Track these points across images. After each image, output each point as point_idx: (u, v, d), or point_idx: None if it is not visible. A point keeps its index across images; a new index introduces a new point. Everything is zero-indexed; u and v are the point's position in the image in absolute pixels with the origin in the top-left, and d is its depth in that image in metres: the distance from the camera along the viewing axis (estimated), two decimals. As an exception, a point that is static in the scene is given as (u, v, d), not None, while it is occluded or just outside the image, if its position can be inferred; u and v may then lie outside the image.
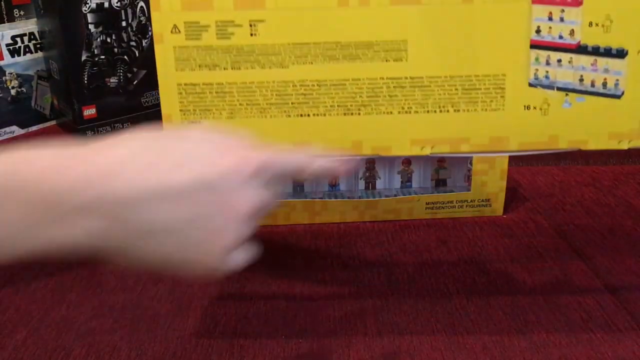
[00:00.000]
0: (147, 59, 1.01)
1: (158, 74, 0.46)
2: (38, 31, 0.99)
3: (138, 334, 0.53)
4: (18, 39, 0.98)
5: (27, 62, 0.99)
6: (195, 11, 0.45)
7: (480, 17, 0.46)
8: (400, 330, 0.53)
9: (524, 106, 0.47)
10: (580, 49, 0.47)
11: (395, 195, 0.71)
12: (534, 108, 0.48)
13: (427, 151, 0.48)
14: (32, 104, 1.01)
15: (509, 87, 0.47)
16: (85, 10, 0.93)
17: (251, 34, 0.46)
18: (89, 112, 0.97)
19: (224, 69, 0.46)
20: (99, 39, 0.95)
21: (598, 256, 0.64)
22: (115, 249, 0.35)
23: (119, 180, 0.33)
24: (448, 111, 0.48)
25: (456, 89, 0.47)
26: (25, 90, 1.00)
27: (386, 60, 0.47)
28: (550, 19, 0.46)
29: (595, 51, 0.47)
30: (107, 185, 0.33)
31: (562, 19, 0.46)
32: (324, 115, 0.48)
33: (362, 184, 0.73)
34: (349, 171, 0.41)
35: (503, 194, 0.71)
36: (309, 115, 0.48)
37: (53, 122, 1.04)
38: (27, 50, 0.99)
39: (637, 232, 0.68)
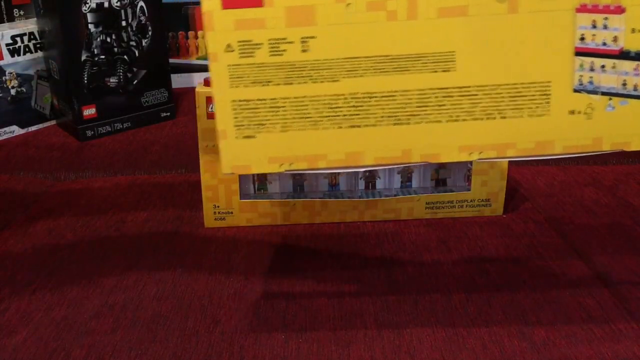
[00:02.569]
0: (147, 59, 1.01)
1: (213, 91, 0.48)
2: (38, 31, 0.99)
3: (138, 334, 0.53)
4: (18, 39, 0.98)
5: (27, 62, 0.99)
6: (249, 30, 0.46)
7: (526, 27, 0.47)
8: (400, 330, 0.53)
9: (569, 111, 0.49)
10: (623, 55, 0.48)
11: (395, 195, 0.71)
12: (579, 112, 0.49)
13: (474, 157, 0.49)
14: (32, 103, 1.01)
15: (555, 93, 0.48)
16: (85, 10, 0.93)
17: (303, 50, 0.47)
18: (89, 111, 0.97)
19: (277, 84, 0.48)
20: (99, 39, 0.95)
21: (598, 256, 0.64)
22: None
23: None
24: (495, 118, 0.49)
25: (503, 97, 0.49)
26: (25, 90, 1.00)
27: (435, 71, 0.48)
28: (594, 26, 0.47)
29: (638, 56, 0.48)
30: None
31: (605, 27, 0.47)
32: (375, 125, 0.49)
33: (362, 184, 0.73)
34: None
35: (503, 194, 0.71)
36: (359, 126, 0.49)
37: (53, 122, 1.04)
38: (27, 50, 0.99)
39: (637, 232, 0.68)
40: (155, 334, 0.53)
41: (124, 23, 0.97)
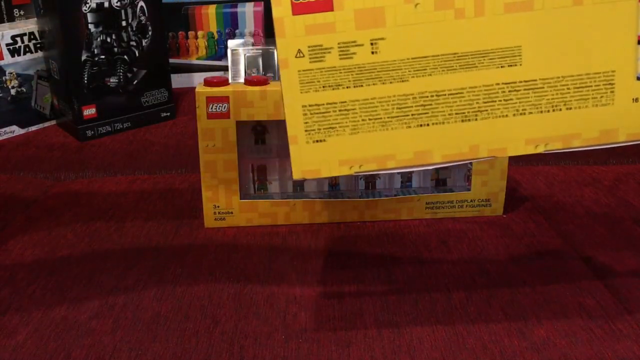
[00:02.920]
0: (147, 59, 1.01)
1: (284, 97, 0.48)
2: (38, 31, 0.99)
3: (138, 334, 0.53)
4: (18, 39, 0.98)
5: (27, 62, 0.99)
6: (319, 35, 0.47)
7: (590, 18, 0.48)
8: (400, 330, 0.53)
9: (633, 99, 0.50)
10: None
11: (395, 195, 0.71)
12: None
13: (541, 149, 0.50)
14: (32, 103, 1.01)
15: (618, 82, 0.49)
16: (85, 10, 0.93)
17: (372, 52, 0.48)
18: (89, 112, 0.97)
19: (347, 87, 0.48)
20: (99, 39, 0.95)
21: (598, 256, 0.64)
22: None
23: None
24: (560, 110, 0.50)
25: (568, 88, 0.49)
26: (25, 90, 1.00)
27: (501, 67, 0.48)
28: None
29: None
30: None
31: None
32: (443, 123, 0.49)
33: (362, 184, 0.73)
34: None
35: (503, 194, 0.71)
36: (428, 124, 0.49)
37: (53, 122, 1.04)
38: (27, 50, 0.99)
39: (637, 232, 0.68)
40: (155, 334, 0.53)
41: (124, 23, 0.97)
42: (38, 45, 1.00)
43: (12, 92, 0.98)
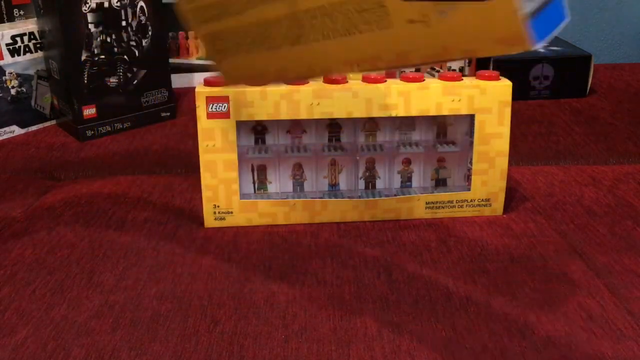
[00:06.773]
0: (147, 59, 1.01)
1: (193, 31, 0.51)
2: (38, 31, 0.99)
3: (138, 334, 0.53)
4: (18, 39, 0.98)
5: (27, 62, 0.99)
6: None
7: None
8: (400, 330, 0.53)
9: (408, 20, 0.49)
10: None
11: (395, 195, 0.71)
12: (417, 21, 0.49)
13: (355, 69, 0.52)
14: (32, 103, 1.01)
15: (388, 4, 0.49)
16: (85, 10, 0.93)
17: None
18: (89, 111, 0.97)
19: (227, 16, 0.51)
20: (99, 39, 0.95)
21: (598, 256, 0.64)
22: None
23: None
24: (354, 33, 0.51)
25: (352, 13, 0.50)
26: (25, 90, 1.00)
27: None
28: None
29: None
30: None
31: None
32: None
33: (362, 184, 0.73)
34: None
35: (503, 194, 0.71)
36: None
37: (53, 122, 1.04)
38: (27, 50, 0.99)
39: (637, 232, 0.68)
40: (155, 334, 0.53)
41: (124, 23, 0.97)
42: (38, 45, 1.00)
43: (12, 92, 0.98)
